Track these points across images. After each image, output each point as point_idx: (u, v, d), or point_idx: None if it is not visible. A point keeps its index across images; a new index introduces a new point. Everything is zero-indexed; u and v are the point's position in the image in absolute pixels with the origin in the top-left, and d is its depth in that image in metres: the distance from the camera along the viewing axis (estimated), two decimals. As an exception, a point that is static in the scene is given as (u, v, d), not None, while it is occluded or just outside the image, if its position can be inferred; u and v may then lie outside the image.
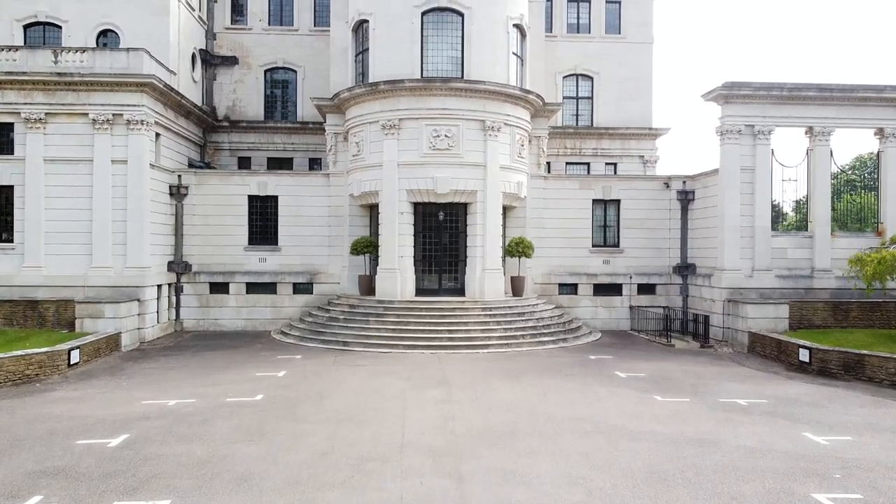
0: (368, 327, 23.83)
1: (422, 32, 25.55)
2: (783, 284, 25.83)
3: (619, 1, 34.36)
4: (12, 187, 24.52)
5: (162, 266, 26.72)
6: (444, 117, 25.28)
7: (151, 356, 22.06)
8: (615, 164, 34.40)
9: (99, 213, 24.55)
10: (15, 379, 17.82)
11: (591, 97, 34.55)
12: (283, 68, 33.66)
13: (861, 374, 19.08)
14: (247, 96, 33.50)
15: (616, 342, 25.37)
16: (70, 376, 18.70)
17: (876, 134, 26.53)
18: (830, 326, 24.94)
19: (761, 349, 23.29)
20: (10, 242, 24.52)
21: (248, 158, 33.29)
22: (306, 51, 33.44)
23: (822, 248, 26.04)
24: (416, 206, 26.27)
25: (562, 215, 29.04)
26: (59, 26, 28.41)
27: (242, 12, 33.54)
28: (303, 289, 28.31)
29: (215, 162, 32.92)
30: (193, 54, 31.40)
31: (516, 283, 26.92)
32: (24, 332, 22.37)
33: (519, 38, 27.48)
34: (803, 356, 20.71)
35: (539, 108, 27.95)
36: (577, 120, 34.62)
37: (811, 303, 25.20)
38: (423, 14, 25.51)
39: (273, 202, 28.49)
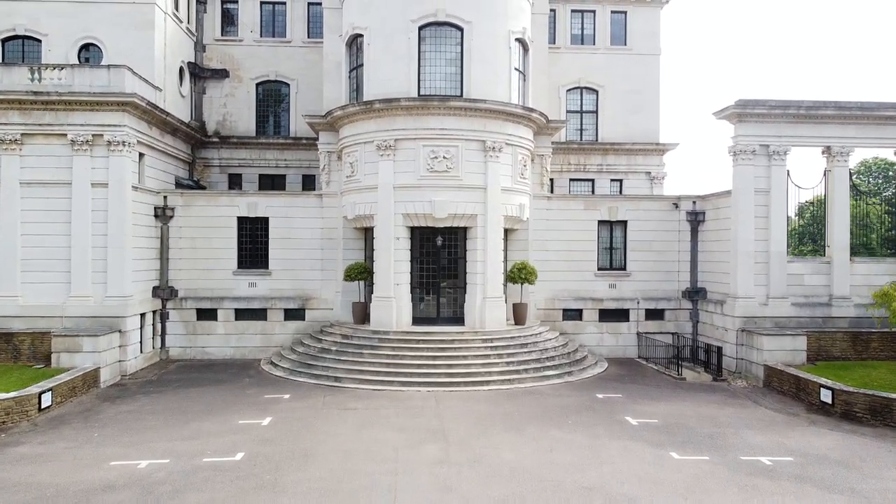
0: (362, 361, 22.51)
1: (419, 48, 24.24)
2: (799, 313, 24.51)
3: (624, 11, 33.03)
4: (-14, 212, 23.23)
5: (146, 292, 25.42)
6: (443, 138, 23.96)
7: (131, 394, 20.74)
8: (621, 181, 33.08)
9: (78, 239, 23.23)
10: (-22, 429, 16.52)
11: (596, 111, 33.23)
12: (276, 81, 32.35)
13: (890, 420, 17.76)
14: (237, 111, 32.19)
15: (624, 374, 24.05)
16: (40, 423, 17.38)
17: (898, 154, 25.24)
18: (850, 358, 23.66)
19: (778, 384, 21.97)
20: (-16, 270, 23.22)
21: (239, 175, 31.99)
22: (299, 63, 32.12)
23: (841, 275, 24.73)
24: (413, 229, 24.95)
25: (566, 237, 27.72)
26: (39, 40, 27.12)
27: (233, 23, 32.25)
28: (294, 315, 26.99)
29: (205, 179, 31.62)
30: (181, 68, 30.09)
31: (518, 311, 25.60)
32: (-4, 369, 21.08)
33: (521, 53, 26.16)
34: (825, 396, 19.39)
35: (542, 125, 26.64)
36: (582, 135, 33.30)
37: (829, 333, 23.91)
38: (421, 29, 24.19)
39: (263, 224, 27.18)
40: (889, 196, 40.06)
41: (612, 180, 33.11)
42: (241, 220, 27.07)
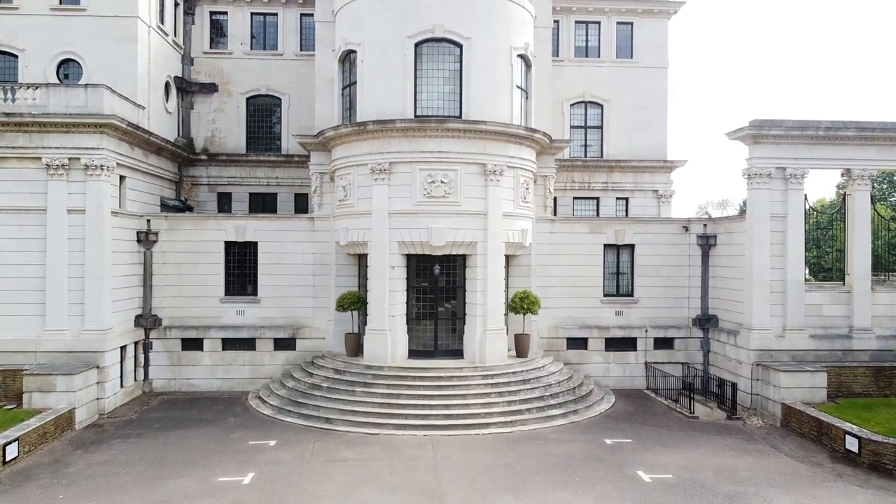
0: (354, 400, 21.15)
1: (415, 65, 22.86)
2: (818, 346, 23.17)
3: (630, 22, 31.66)
4: (-44, 240, 21.89)
5: (127, 322, 24.07)
6: (441, 161, 22.60)
7: (107, 438, 19.38)
8: (627, 199, 31.73)
9: (53, 268, 21.88)
10: (-67, 489, 15.17)
11: (601, 126, 31.87)
12: (267, 96, 30.98)
13: (923, 475, 16.42)
14: (227, 126, 30.82)
15: (632, 411, 22.68)
16: (3, 479, 16.03)
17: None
18: (872, 395, 22.35)
19: (797, 426, 20.61)
20: (-46, 302, 21.88)
21: (229, 194, 30.62)
22: (291, 77, 30.77)
23: (862, 305, 23.40)
24: (409, 257, 23.59)
25: (570, 262, 26.38)
26: (16, 55, 25.77)
27: (223, 35, 30.89)
28: (285, 344, 25.63)
29: (193, 198, 30.26)
30: (167, 83, 28.74)
31: (520, 342, 24.23)
32: (-37, 411, 19.74)
33: (523, 70, 24.80)
34: (851, 445, 18.03)
35: (545, 146, 25.29)
36: (586, 151, 31.93)
37: (850, 368, 22.60)
38: (417, 45, 22.82)
39: (252, 248, 25.83)
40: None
41: (617, 198, 31.75)
42: (228, 244, 25.73)
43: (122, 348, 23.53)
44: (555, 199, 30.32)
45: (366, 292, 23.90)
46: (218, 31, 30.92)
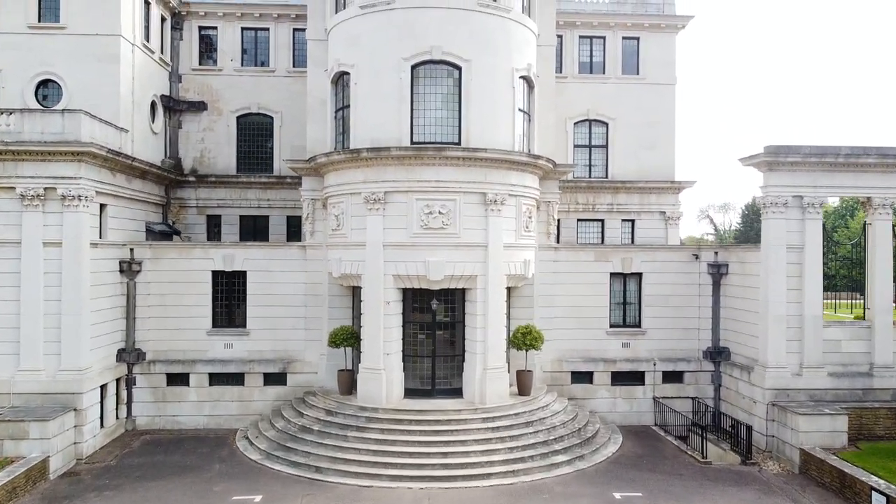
0: (346, 447, 19.90)
1: (412, 89, 21.61)
2: (837, 384, 21.95)
3: (637, 37, 30.40)
4: (-76, 275, 20.66)
5: (108, 358, 22.85)
6: (439, 190, 21.36)
7: (81, 491, 18.15)
8: (633, 221, 30.46)
9: (28, 304, 20.65)
10: None
11: (606, 145, 30.61)
12: (258, 114, 29.71)
13: (959, 542, 15.19)
14: (216, 146, 29.56)
15: (641, 454, 21.45)
16: (-37, 547, 14.81)
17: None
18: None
19: (817, 474, 19.38)
20: (-78, 341, 20.65)
21: (218, 217, 29.36)
22: (284, 94, 29.50)
23: (884, 341, 22.18)
24: (406, 291, 22.35)
25: (575, 291, 25.13)
26: (-8, 76, 24.52)
27: (212, 51, 29.64)
28: (275, 379, 24.38)
29: (180, 221, 29.01)
30: (153, 102, 27.49)
31: (522, 379, 23.00)
32: (-71, 462, 18.50)
33: (526, 91, 23.57)
34: (878, 502, 16.79)
35: (549, 170, 24.06)
36: (590, 171, 30.68)
37: (872, 409, 21.46)
38: (414, 68, 21.58)
39: (241, 278, 24.59)
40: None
41: (623, 220, 30.48)
42: (216, 273, 24.49)
43: (103, 386, 22.28)
44: (558, 222, 29.01)
45: (360, 327, 22.66)
46: (207, 47, 29.68)
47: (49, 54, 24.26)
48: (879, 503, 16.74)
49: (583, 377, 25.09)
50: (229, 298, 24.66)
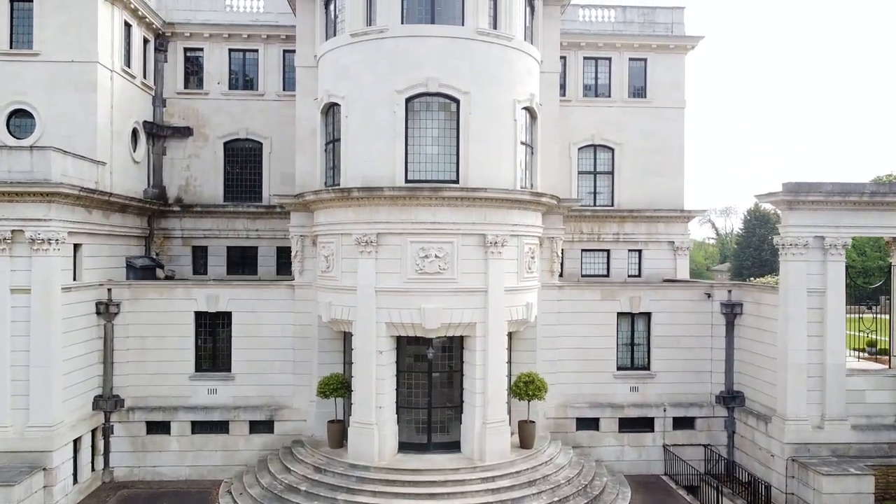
0: (335, 512, 18.49)
1: (406, 123, 20.17)
2: (861, 438, 20.54)
3: (644, 59, 28.95)
4: None
5: (84, 408, 21.45)
6: (435, 232, 19.92)
7: (47, 566, 16.73)
8: (640, 251, 29.00)
9: (-6, 356, 19.25)
10: None
11: (612, 172, 29.16)
12: (247, 140, 28.27)
13: None
14: (203, 173, 28.12)
15: (652, 513, 20.05)
16: None
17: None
18: (925, 498, 19.72)
19: (843, 543, 17.97)
20: None
21: (205, 248, 27.90)
22: (273, 119, 28.05)
23: (911, 391, 20.76)
24: (400, 339, 20.91)
25: (580, 332, 23.73)
26: (-39, 106, 23.09)
27: (198, 74, 28.19)
28: (261, 427, 22.97)
29: (164, 253, 27.57)
30: (135, 129, 26.04)
31: (525, 430, 21.57)
32: None
33: (528, 123, 22.16)
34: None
35: (553, 206, 22.66)
36: (595, 198, 29.21)
37: (899, 466, 19.97)
38: (408, 101, 20.13)
39: (226, 319, 23.20)
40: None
41: (630, 250, 28.99)
42: (199, 315, 23.10)
43: (77, 440, 20.87)
44: (561, 252, 27.63)
45: (351, 375, 21.22)
46: (193, 69, 28.23)
47: (22, 83, 22.80)
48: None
49: (588, 423, 23.68)
50: (213, 341, 23.28)
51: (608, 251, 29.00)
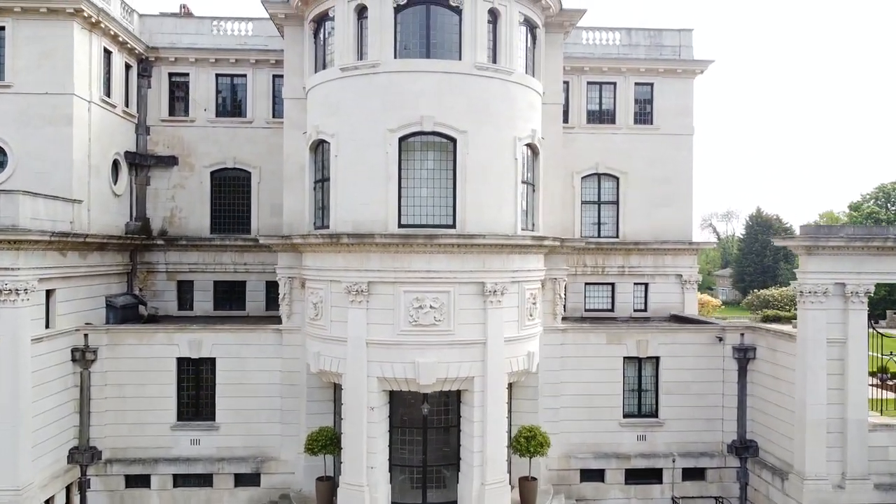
0: (323, 586, 17.23)
1: (399, 164, 18.90)
2: (884, 498, 19.32)
3: (650, 83, 27.65)
4: None
5: (57, 463, 20.20)
6: (430, 281, 18.65)
7: None
8: (646, 285, 27.68)
9: (-42, 414, 17.99)
10: None
11: (617, 201, 27.85)
12: (235, 169, 26.93)
13: None
14: (188, 205, 26.81)
15: (662, 581, 18.78)
16: None
17: None
18: (953, 565, 18.45)
19: None
20: None
21: (190, 283, 26.60)
22: (262, 147, 26.74)
23: (937, 448, 19.50)
24: (393, 392, 19.63)
25: (584, 378, 22.49)
26: (-73, 141, 21.81)
27: (184, 100, 26.90)
28: (247, 480, 21.76)
29: (148, 288, 26.29)
30: (116, 161, 24.76)
31: (526, 489, 20.26)
32: None
33: (530, 160, 20.91)
34: None
35: (556, 248, 21.39)
36: (600, 229, 27.90)
37: (926, 530, 18.70)
38: (402, 140, 18.87)
39: (209, 366, 21.97)
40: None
41: (635, 284, 27.66)
42: (181, 361, 21.87)
43: (50, 499, 19.60)
44: (565, 288, 26.37)
45: (341, 431, 19.92)
46: (178, 96, 26.93)
47: (-8, 117, 21.56)
48: None
49: (593, 475, 22.45)
50: (196, 388, 22.07)
51: (613, 284, 27.70)
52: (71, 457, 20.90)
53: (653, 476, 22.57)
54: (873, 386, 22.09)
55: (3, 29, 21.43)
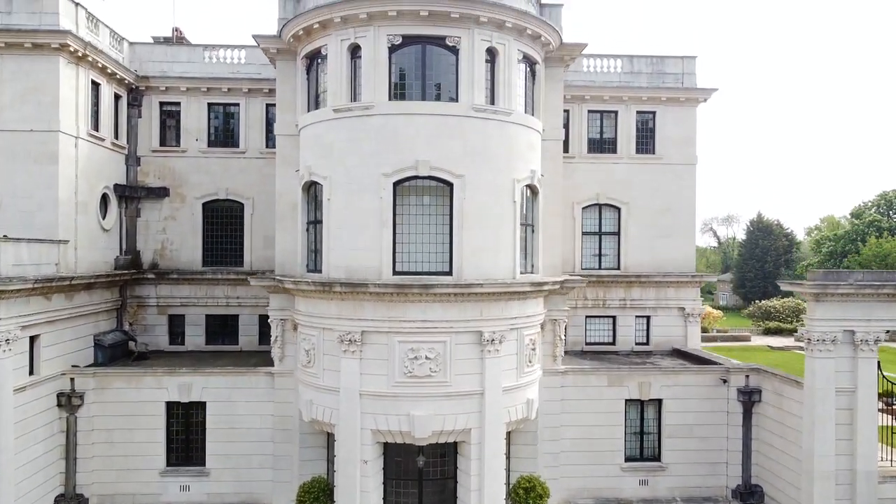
0: None
1: (394, 210, 18.27)
2: (895, 552, 18.66)
3: (653, 112, 27.04)
4: None
5: (41, 513, 19.59)
6: (426, 331, 18.06)
7: None
8: (648, 318, 27.08)
9: (-63, 470, 17.39)
10: None
11: (618, 232, 27.24)
12: (227, 200, 26.30)
13: None
14: (180, 237, 26.19)
15: None
16: None
17: None
18: None
19: None
20: None
21: (182, 317, 26.00)
22: (255, 178, 26.14)
23: (949, 501, 18.88)
24: (387, 444, 19.02)
25: (585, 421, 21.93)
26: (-90, 180, 21.18)
27: (175, 130, 26.27)
28: (238, 528, 21.17)
29: (138, 322, 25.68)
30: (105, 195, 24.14)
31: (525, 540, 19.69)
32: None
33: (529, 201, 20.29)
34: None
35: (556, 291, 20.79)
36: (600, 261, 27.29)
37: (939, 588, 18.09)
38: (397, 185, 18.26)
39: (200, 410, 21.41)
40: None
41: (637, 317, 27.07)
42: (171, 405, 21.31)
43: (32, 552, 19.03)
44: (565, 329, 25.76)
45: (334, 483, 19.30)
46: (170, 125, 26.29)
47: (-25, 155, 20.95)
48: None
49: (595, 521, 21.86)
50: (186, 432, 21.51)
51: (614, 318, 27.11)
52: (56, 505, 20.33)
53: (656, 522, 22.01)
54: (878, 410, 21.42)
55: (-14, 65, 20.82)
